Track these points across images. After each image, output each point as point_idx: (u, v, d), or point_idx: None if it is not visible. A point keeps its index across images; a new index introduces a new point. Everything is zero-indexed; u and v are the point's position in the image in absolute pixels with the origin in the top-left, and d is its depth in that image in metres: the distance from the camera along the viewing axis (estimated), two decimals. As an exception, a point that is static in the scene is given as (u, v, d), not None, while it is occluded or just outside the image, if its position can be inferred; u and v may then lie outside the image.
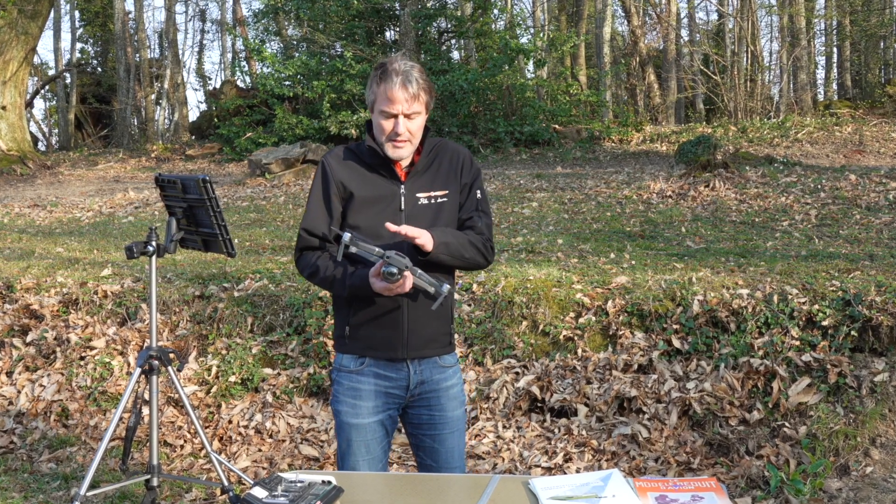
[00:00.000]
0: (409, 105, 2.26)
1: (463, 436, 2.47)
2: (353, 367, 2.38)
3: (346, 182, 2.34)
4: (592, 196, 8.57)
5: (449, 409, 2.41)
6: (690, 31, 23.43)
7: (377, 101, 2.29)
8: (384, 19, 16.64)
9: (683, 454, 3.76)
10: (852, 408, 3.76)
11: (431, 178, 2.37)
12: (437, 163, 2.39)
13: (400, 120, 2.26)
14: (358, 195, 2.32)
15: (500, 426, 4.09)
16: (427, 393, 2.40)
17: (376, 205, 2.32)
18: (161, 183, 3.01)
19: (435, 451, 2.42)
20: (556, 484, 1.91)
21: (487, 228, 2.40)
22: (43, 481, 3.97)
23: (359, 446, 2.36)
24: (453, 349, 2.46)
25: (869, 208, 6.99)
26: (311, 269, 2.35)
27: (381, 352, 2.35)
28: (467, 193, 2.40)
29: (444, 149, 2.42)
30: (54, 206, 10.44)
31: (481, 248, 2.36)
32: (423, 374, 2.38)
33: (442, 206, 2.36)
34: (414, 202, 2.34)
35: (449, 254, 2.28)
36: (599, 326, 4.43)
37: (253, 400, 4.48)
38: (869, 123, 14.30)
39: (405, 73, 2.25)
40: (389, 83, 2.24)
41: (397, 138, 2.28)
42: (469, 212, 2.40)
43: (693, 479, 1.93)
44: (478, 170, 2.45)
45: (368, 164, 2.36)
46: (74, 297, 5.15)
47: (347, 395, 2.37)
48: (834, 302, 4.12)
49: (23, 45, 15.51)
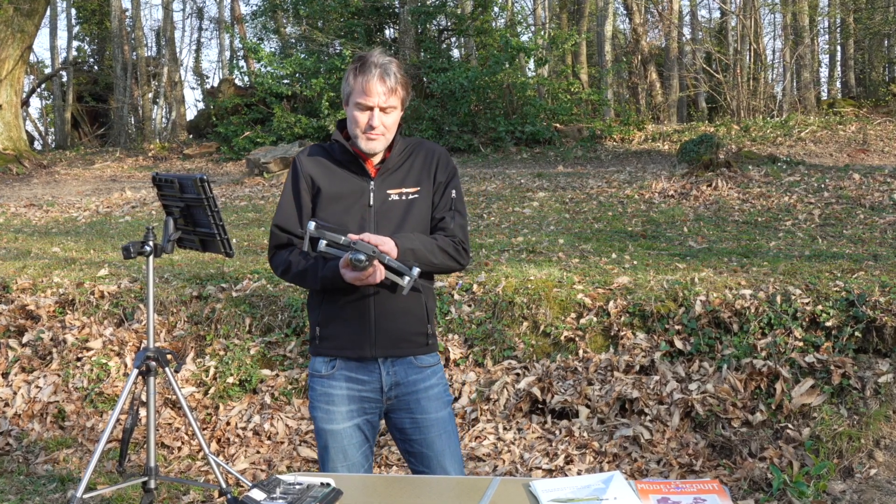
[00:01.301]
0: (386, 98, 2.25)
1: (454, 437, 2.40)
2: (324, 372, 2.35)
3: (315, 177, 2.33)
4: (594, 195, 8.55)
5: (431, 410, 2.35)
6: (693, 28, 23.40)
7: (353, 93, 2.28)
8: (383, 17, 16.61)
9: (686, 456, 3.74)
10: (856, 409, 3.74)
11: (403, 175, 2.35)
12: (410, 160, 2.37)
13: (375, 113, 2.25)
14: (326, 191, 2.31)
15: (501, 428, 4.07)
16: (405, 396, 2.34)
17: (344, 200, 2.31)
18: (158, 182, 3.00)
19: (425, 456, 2.36)
20: (558, 486, 1.90)
21: (461, 229, 2.35)
22: (39, 483, 3.96)
23: (336, 452, 2.33)
24: (433, 350, 2.38)
25: (873, 208, 6.97)
26: (284, 266, 2.34)
27: (350, 351, 2.31)
28: (442, 192, 2.36)
29: (419, 147, 2.40)
30: (51, 205, 10.42)
31: (452, 252, 2.30)
32: (396, 375, 2.33)
33: (413, 202, 2.33)
34: (384, 198, 2.31)
35: (416, 260, 2.22)
36: (601, 327, 4.41)
37: (251, 401, 4.47)
38: (873, 122, 14.27)
39: (383, 66, 2.24)
40: (367, 75, 2.24)
41: (371, 131, 2.26)
42: (442, 211, 2.35)
43: (695, 481, 1.93)
44: (454, 168, 2.42)
45: (338, 161, 2.35)
46: (71, 298, 5.13)
47: (321, 400, 2.35)
48: (838, 302, 4.11)
49: (19, 43, 15.47)
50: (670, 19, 19.29)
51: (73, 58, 23.87)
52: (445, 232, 2.32)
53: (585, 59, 20.43)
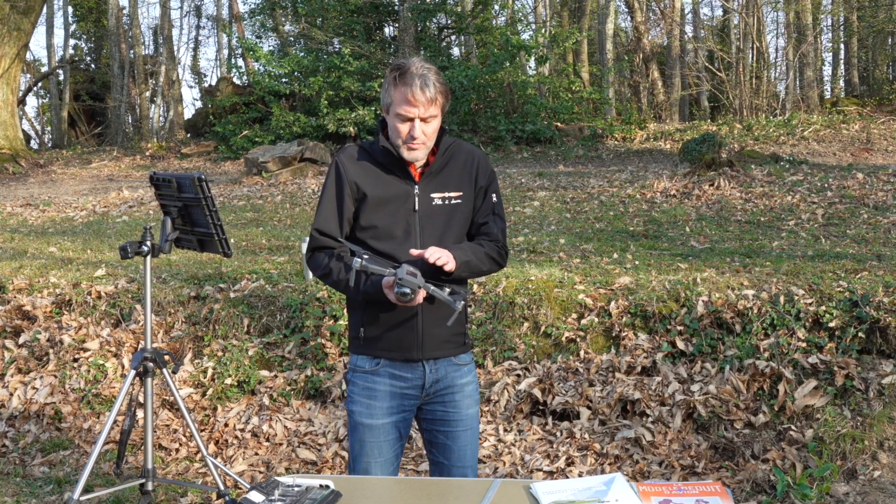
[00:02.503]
0: (426, 109, 2.27)
1: (476, 435, 2.50)
2: (368, 368, 2.39)
3: (360, 182, 2.35)
4: (595, 195, 8.55)
5: (463, 406, 2.43)
6: (695, 26, 23.35)
7: (394, 103, 2.30)
8: (383, 15, 16.59)
9: (688, 458, 3.74)
10: (860, 411, 3.73)
11: (446, 178, 2.39)
12: (451, 163, 2.41)
13: (416, 123, 2.28)
14: (371, 195, 2.34)
15: (502, 429, 4.06)
16: (442, 390, 2.42)
17: (390, 205, 2.34)
18: (156, 182, 3.00)
19: (447, 448, 2.44)
20: (559, 488, 1.90)
21: (502, 233, 2.44)
22: (35, 485, 3.96)
23: (371, 448, 2.38)
24: (468, 348, 2.49)
25: (877, 207, 6.96)
26: (324, 271, 2.37)
27: (397, 353, 2.37)
28: (483, 197, 2.43)
29: (459, 150, 2.44)
30: (47, 205, 10.41)
31: (497, 257, 2.41)
32: (437, 372, 2.40)
33: (456, 207, 2.38)
34: (428, 202, 2.36)
35: (469, 271, 2.33)
36: (602, 328, 4.40)
37: (249, 402, 4.45)
38: (877, 121, 14.24)
39: (423, 76, 2.26)
40: (407, 87, 2.25)
41: (413, 142, 2.29)
42: (485, 216, 2.42)
43: (698, 483, 1.97)
44: (493, 172, 2.47)
45: (382, 165, 2.37)
46: (68, 298, 5.12)
47: (362, 395, 2.39)
48: (841, 303, 4.10)
49: (15, 41, 15.45)
50: (672, 17, 19.26)
51: (69, 56, 23.82)
52: (489, 237, 2.41)
53: (587, 58, 20.38)
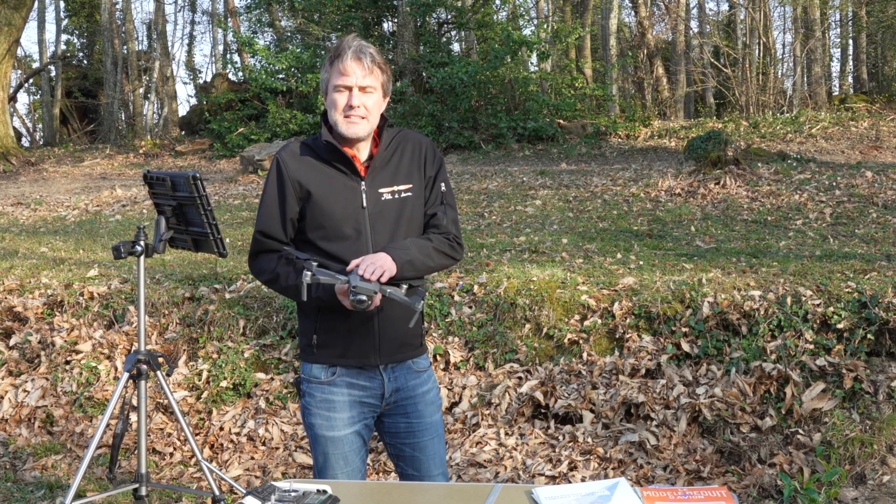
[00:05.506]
0: (363, 77, 2.22)
1: (443, 440, 2.46)
2: (323, 378, 2.32)
3: (303, 180, 2.27)
4: (598, 194, 8.55)
5: (427, 414, 2.39)
6: (700, 22, 23.21)
7: (331, 78, 2.25)
8: (381, 9, 16.53)
9: (693, 462, 3.72)
10: (869, 414, 3.71)
11: (393, 171, 2.31)
12: (398, 154, 2.33)
13: (354, 92, 2.22)
14: (316, 193, 2.26)
15: (503, 433, 4.05)
16: (403, 400, 2.37)
17: (337, 203, 2.26)
18: (149, 180, 2.98)
19: (416, 459, 2.40)
20: (561, 493, 1.90)
21: (453, 224, 2.36)
22: (27, 490, 3.95)
23: (336, 459, 2.34)
24: (425, 350, 2.44)
25: (886, 206, 6.94)
26: (270, 276, 2.30)
27: (353, 359, 2.30)
28: (431, 186, 2.35)
29: (405, 139, 2.36)
30: (38, 204, 10.43)
31: (447, 250, 2.32)
32: (397, 381, 2.35)
33: (406, 200, 2.31)
34: (377, 198, 2.29)
35: (414, 270, 2.25)
36: (605, 329, 4.39)
37: (245, 406, 4.44)
38: (886, 118, 14.19)
39: (358, 47, 2.24)
40: (341, 59, 2.23)
41: (351, 112, 2.22)
42: (434, 206, 2.35)
43: (703, 488, 1.95)
44: (441, 160, 2.40)
45: (326, 160, 2.29)
46: (59, 299, 5.11)
47: (321, 407, 2.33)
48: (849, 304, 4.08)
49: (6, 36, 15.45)
50: (677, 12, 19.18)
51: (61, 52, 23.72)
52: (438, 228, 2.33)
53: (590, 54, 20.32)
